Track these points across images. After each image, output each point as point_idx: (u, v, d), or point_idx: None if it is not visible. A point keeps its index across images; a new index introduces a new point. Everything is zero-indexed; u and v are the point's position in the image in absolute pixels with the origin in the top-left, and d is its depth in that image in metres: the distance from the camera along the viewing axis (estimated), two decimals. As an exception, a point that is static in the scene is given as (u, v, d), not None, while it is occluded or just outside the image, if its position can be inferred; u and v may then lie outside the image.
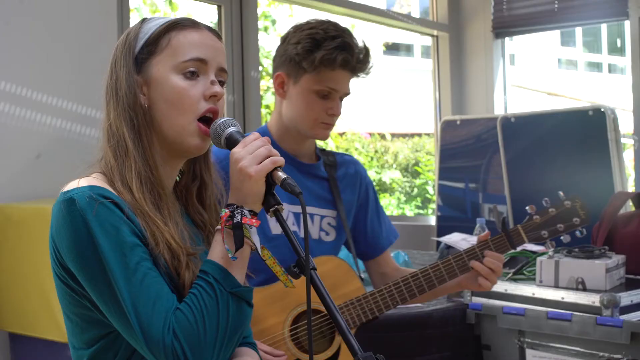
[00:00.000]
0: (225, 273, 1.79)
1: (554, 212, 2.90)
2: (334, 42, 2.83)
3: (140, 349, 1.76)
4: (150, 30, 1.95)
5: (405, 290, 2.87)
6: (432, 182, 11.28)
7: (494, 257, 2.83)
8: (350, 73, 2.89)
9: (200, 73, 1.93)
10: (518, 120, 5.31)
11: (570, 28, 8.70)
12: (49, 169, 3.96)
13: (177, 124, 1.90)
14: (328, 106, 2.88)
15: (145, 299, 1.73)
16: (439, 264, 2.87)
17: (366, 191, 3.15)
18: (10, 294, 3.72)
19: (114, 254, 1.74)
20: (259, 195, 1.81)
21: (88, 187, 1.80)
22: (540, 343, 3.46)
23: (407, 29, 7.29)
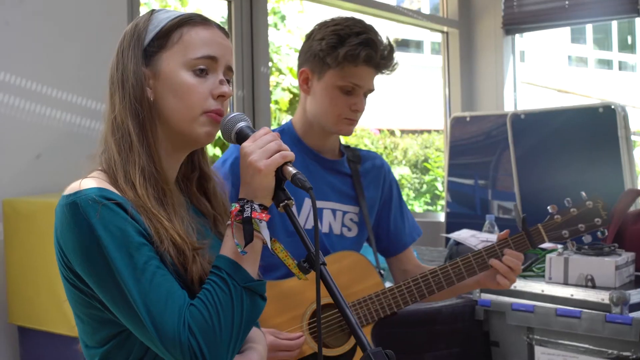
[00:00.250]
0: (238, 267, 1.79)
1: (575, 212, 2.89)
2: (358, 39, 2.83)
3: (156, 347, 1.75)
4: (161, 23, 1.93)
5: (424, 286, 2.87)
6: (441, 178, 11.28)
7: (513, 256, 2.83)
8: (374, 69, 2.89)
9: (210, 71, 1.92)
10: (528, 117, 5.29)
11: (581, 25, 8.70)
12: (58, 163, 3.96)
13: (185, 117, 1.90)
14: (351, 102, 2.88)
15: (156, 297, 1.72)
16: (458, 261, 2.87)
17: (390, 188, 3.16)
18: (19, 288, 3.73)
19: (120, 255, 1.73)
20: (268, 189, 1.81)
21: (90, 189, 1.78)
22: (549, 340, 3.46)
23: (417, 25, 7.28)
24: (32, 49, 3.98)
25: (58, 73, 4.05)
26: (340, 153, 3.10)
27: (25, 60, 3.94)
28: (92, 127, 4.11)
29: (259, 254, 1.85)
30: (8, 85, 3.84)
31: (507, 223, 5.42)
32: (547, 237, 2.88)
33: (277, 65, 10.22)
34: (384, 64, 2.90)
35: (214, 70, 1.93)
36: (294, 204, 1.84)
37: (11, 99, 3.85)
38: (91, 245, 1.74)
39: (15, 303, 3.77)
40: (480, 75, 7.10)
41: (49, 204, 3.57)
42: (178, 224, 1.84)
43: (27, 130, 3.92)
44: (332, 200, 3.00)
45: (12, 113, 3.86)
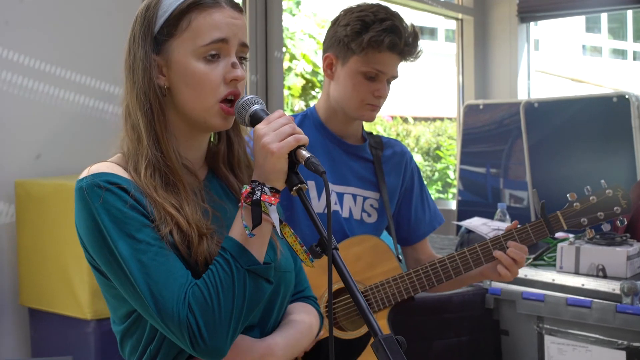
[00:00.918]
0: (243, 250, 1.80)
1: (594, 200, 2.87)
2: (382, 25, 2.84)
3: (158, 325, 1.78)
4: (170, 7, 1.90)
5: (434, 274, 2.88)
6: (453, 166, 11.26)
7: (518, 248, 2.83)
8: (398, 56, 2.89)
9: (222, 54, 1.91)
10: (541, 106, 5.28)
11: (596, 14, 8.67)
12: (70, 146, 3.98)
13: (199, 106, 1.90)
14: (374, 88, 2.89)
15: (156, 276, 1.75)
16: (466, 251, 2.88)
17: (411, 176, 3.16)
18: (30, 270, 3.74)
19: (122, 237, 1.77)
20: (281, 172, 1.80)
21: (97, 174, 1.82)
22: (559, 329, 3.45)
23: (432, 12, 7.25)
24: (46, 30, 3.98)
25: (71, 55, 4.05)
26: (362, 139, 3.11)
27: (39, 41, 3.94)
28: (105, 110, 4.12)
29: (267, 237, 1.85)
30: (21, 67, 3.84)
31: (518, 212, 5.41)
32: (565, 225, 2.87)
33: (290, 51, 10.21)
34: (408, 51, 2.90)
35: (226, 53, 1.91)
36: (307, 187, 1.83)
37: (24, 81, 3.85)
38: (95, 228, 1.79)
39: (26, 285, 3.78)
40: (494, 63, 7.08)
41: (61, 185, 3.58)
42: (189, 210, 1.85)
43: (40, 113, 3.92)
44: (353, 186, 3.01)
45: (25, 94, 3.86)
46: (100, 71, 4.12)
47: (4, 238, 3.81)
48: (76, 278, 3.49)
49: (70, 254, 3.50)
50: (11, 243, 3.82)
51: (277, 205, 1.82)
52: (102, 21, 4.16)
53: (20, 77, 3.84)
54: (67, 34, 4.06)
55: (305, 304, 2.14)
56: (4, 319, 3.81)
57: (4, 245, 3.81)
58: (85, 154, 3.90)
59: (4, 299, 3.82)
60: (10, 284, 3.84)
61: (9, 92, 3.81)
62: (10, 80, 3.81)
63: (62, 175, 3.83)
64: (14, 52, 3.82)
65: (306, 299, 2.16)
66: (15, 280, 3.84)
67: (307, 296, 2.17)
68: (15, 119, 3.85)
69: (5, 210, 3.80)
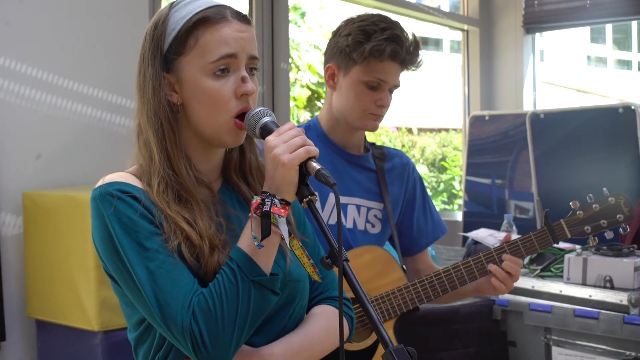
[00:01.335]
0: (249, 261, 1.80)
1: (597, 208, 2.88)
2: (383, 34, 2.84)
3: (164, 332, 1.80)
4: (178, 25, 1.91)
5: (430, 289, 2.89)
6: (458, 177, 11.25)
7: (512, 261, 2.82)
8: (400, 65, 2.89)
9: (231, 68, 1.91)
10: (547, 117, 5.28)
11: (601, 24, 8.68)
12: (79, 157, 3.98)
13: (213, 124, 1.91)
14: (377, 97, 2.88)
15: (162, 283, 1.77)
16: (460, 264, 2.88)
17: (414, 186, 3.15)
18: (38, 281, 3.75)
19: (130, 244, 1.80)
20: (291, 184, 1.80)
21: (110, 183, 1.86)
22: (567, 341, 3.45)
23: (437, 23, 7.28)
24: (55, 42, 4.00)
25: (80, 67, 4.07)
26: (365, 149, 3.11)
27: (49, 54, 3.96)
28: (113, 121, 4.13)
29: (275, 249, 1.85)
30: (28, 78, 3.86)
31: (524, 223, 5.41)
32: (569, 233, 2.87)
33: (295, 62, 10.21)
34: (410, 60, 2.90)
35: (235, 68, 1.92)
36: (317, 199, 1.83)
37: (31, 92, 3.86)
38: (107, 236, 1.83)
39: (34, 296, 3.78)
40: (500, 74, 7.09)
41: (68, 197, 3.58)
42: (202, 225, 1.86)
43: (47, 124, 3.94)
44: (357, 196, 3.01)
45: (31, 106, 3.87)
46: (108, 82, 4.13)
47: (12, 249, 3.81)
48: (83, 289, 3.49)
49: (77, 265, 3.50)
50: (19, 254, 3.82)
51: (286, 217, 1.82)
52: (110, 33, 4.18)
53: (27, 89, 3.85)
54: (75, 46, 4.07)
55: (326, 307, 2.10)
56: (11, 330, 3.81)
57: (12, 256, 3.81)
58: (93, 165, 3.94)
59: (11, 311, 3.82)
60: (18, 296, 3.84)
61: (16, 103, 3.82)
62: (18, 91, 3.82)
63: (70, 186, 3.83)
64: (21, 64, 3.83)
65: (330, 299, 2.13)
66: (22, 291, 3.84)
67: (331, 297, 2.14)
68: (22, 130, 3.86)
69: (12, 222, 3.81)
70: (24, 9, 3.86)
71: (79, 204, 3.52)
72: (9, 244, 3.81)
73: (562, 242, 3.99)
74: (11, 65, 3.80)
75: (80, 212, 3.48)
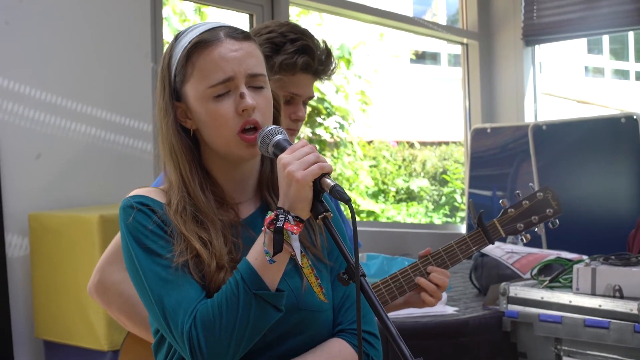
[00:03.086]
0: (254, 274, 1.80)
1: (527, 205, 2.87)
2: (293, 46, 2.67)
3: (168, 336, 1.85)
4: (178, 54, 1.96)
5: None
6: (460, 190, 11.26)
7: (439, 272, 2.70)
8: (313, 76, 2.74)
9: (231, 89, 1.94)
10: (550, 128, 5.29)
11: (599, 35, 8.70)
12: (83, 177, 3.99)
13: (221, 142, 1.94)
14: (291, 111, 2.72)
15: (170, 289, 1.82)
16: (389, 280, 2.73)
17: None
18: (45, 302, 3.75)
19: (143, 251, 1.87)
20: (306, 200, 1.80)
21: (133, 196, 1.95)
22: (578, 351, 3.44)
23: (437, 37, 7.30)
24: (57, 63, 4.01)
25: (83, 87, 4.08)
26: None
27: (51, 75, 3.97)
28: (117, 141, 4.13)
29: (283, 265, 1.85)
30: (33, 100, 3.87)
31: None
32: (503, 232, 2.86)
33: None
34: (323, 70, 2.75)
35: (234, 87, 1.94)
36: (332, 216, 1.83)
37: (35, 114, 3.87)
38: (125, 244, 1.91)
39: (42, 317, 3.78)
40: (501, 86, 7.10)
41: (74, 217, 3.58)
42: (217, 244, 1.89)
43: (53, 145, 3.94)
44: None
45: (37, 127, 3.88)
46: (112, 103, 4.14)
47: (19, 271, 3.81)
48: (92, 309, 3.49)
49: (85, 284, 3.46)
50: (26, 275, 3.82)
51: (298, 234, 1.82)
52: (114, 54, 4.18)
53: (31, 110, 3.85)
54: (78, 68, 4.08)
55: (336, 340, 2.02)
56: (19, 352, 3.81)
57: (19, 277, 3.81)
58: (97, 185, 3.95)
59: (19, 332, 3.81)
60: (26, 317, 3.84)
61: (20, 125, 3.83)
62: (22, 113, 3.82)
63: (75, 207, 3.83)
64: (25, 86, 3.84)
65: (345, 333, 2.04)
66: (30, 312, 3.83)
67: (347, 330, 2.04)
68: (27, 151, 3.87)
69: (19, 243, 3.81)
70: (29, 34, 3.87)
71: (84, 224, 3.52)
72: (16, 265, 3.80)
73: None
74: (14, 88, 3.80)
75: (86, 232, 3.49)
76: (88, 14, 4.14)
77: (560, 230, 2.93)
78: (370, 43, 10.54)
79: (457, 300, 4.08)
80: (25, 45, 3.90)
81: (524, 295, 3.59)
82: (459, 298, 4.13)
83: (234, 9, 5.46)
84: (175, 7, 8.57)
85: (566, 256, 3.98)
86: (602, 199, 5.07)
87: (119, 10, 4.27)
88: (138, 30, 4.32)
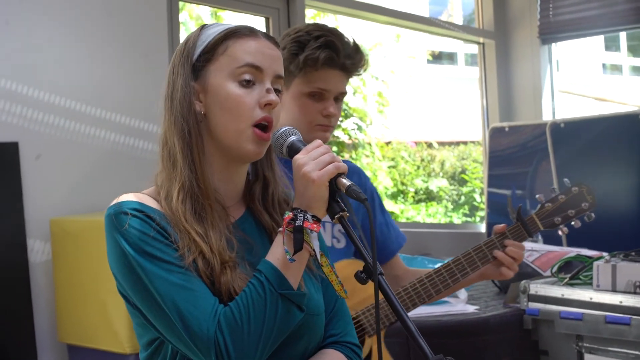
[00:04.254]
0: (278, 274, 1.81)
1: (563, 199, 2.95)
2: (317, 42, 2.79)
3: (184, 345, 1.78)
4: (209, 37, 1.97)
5: (431, 286, 2.87)
6: (479, 189, 11.23)
7: (516, 246, 2.86)
8: (340, 71, 2.84)
9: (256, 81, 1.95)
10: (568, 126, 5.28)
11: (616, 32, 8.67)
12: (104, 182, 4.01)
13: (233, 130, 1.92)
14: (322, 107, 2.83)
15: (185, 294, 1.77)
16: (460, 257, 2.88)
17: (371, 195, 3.12)
18: (68, 306, 3.77)
19: (147, 259, 1.79)
20: (322, 200, 1.83)
21: (125, 202, 1.87)
22: (599, 347, 3.43)
23: (453, 37, 7.29)
24: (77, 69, 4.03)
25: (103, 93, 4.10)
26: None
27: (71, 81, 3.99)
28: (137, 146, 4.15)
29: (304, 265, 1.87)
30: (53, 106, 3.89)
31: (547, 233, 5.40)
32: (541, 225, 2.95)
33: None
34: (352, 65, 2.85)
35: (260, 80, 1.95)
36: (348, 215, 1.84)
37: (57, 120, 3.90)
38: (122, 253, 1.82)
39: (64, 321, 3.80)
40: (518, 85, 7.09)
41: (96, 222, 3.60)
42: (214, 238, 1.86)
43: (73, 150, 3.96)
44: None
45: (57, 133, 3.90)
46: (131, 108, 4.16)
47: (41, 275, 3.84)
48: (114, 312, 3.51)
49: (107, 288, 3.52)
50: (48, 280, 3.85)
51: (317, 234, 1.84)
52: (133, 60, 4.21)
53: (52, 116, 3.88)
54: (97, 74, 4.11)
55: (334, 352, 2.05)
56: (43, 356, 3.83)
57: (42, 282, 3.84)
58: (118, 190, 3.94)
59: (42, 336, 3.84)
60: (49, 321, 3.86)
61: (40, 131, 3.85)
62: (42, 119, 3.85)
63: (96, 211, 3.85)
64: (45, 92, 3.87)
65: (339, 344, 2.08)
66: (53, 317, 3.86)
67: (341, 342, 2.09)
68: (47, 157, 3.89)
69: (41, 249, 3.84)
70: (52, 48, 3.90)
71: (106, 229, 3.53)
72: (39, 270, 3.83)
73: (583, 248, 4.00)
74: (34, 95, 3.83)
75: (108, 237, 3.51)
76: (106, 20, 4.16)
77: (579, 228, 2.96)
78: (386, 44, 10.54)
79: (478, 298, 4.08)
80: (45, 52, 3.93)
81: (545, 292, 3.59)
82: (480, 297, 4.14)
83: (250, 12, 5.48)
84: (191, 11, 8.59)
85: (586, 253, 3.98)
86: (621, 195, 5.06)
87: (136, 15, 4.29)
88: (155, 35, 4.34)
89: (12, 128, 3.77)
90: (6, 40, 3.80)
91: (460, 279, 2.88)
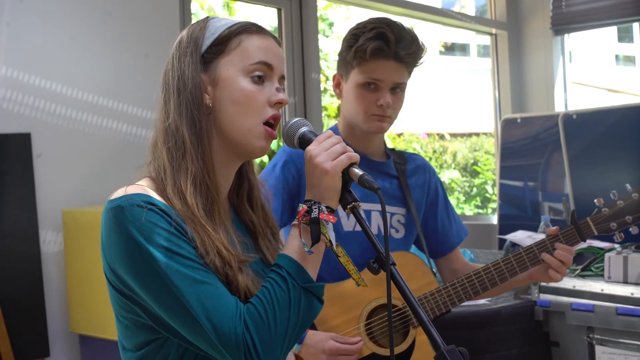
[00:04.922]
0: (299, 267, 1.80)
1: (622, 204, 2.89)
2: (369, 34, 2.86)
3: (210, 345, 1.73)
4: (219, 30, 1.94)
5: (478, 283, 2.88)
6: (491, 181, 11.21)
7: (565, 250, 2.85)
8: (394, 61, 2.88)
9: (266, 79, 1.93)
10: (580, 117, 5.26)
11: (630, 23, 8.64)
12: (116, 174, 3.98)
13: (244, 125, 1.90)
14: (376, 97, 2.88)
15: (210, 292, 1.72)
16: (510, 257, 2.88)
17: (435, 189, 3.16)
18: (79, 297, 3.78)
19: (167, 257, 1.71)
20: (335, 190, 1.82)
21: (135, 194, 1.77)
22: (610, 339, 3.43)
23: (465, 28, 7.27)
24: (89, 60, 4.04)
25: (115, 85, 4.11)
26: (386, 155, 3.11)
27: (83, 72, 4.00)
28: (148, 137, 4.15)
29: (321, 256, 1.86)
30: (66, 98, 3.90)
31: (558, 224, 5.36)
32: (596, 230, 2.90)
33: (324, 72, 10.23)
34: (408, 55, 2.89)
35: (269, 78, 1.94)
36: (360, 205, 1.85)
37: (69, 111, 3.91)
38: (136, 249, 1.73)
39: (76, 312, 3.81)
40: (530, 76, 7.07)
41: (108, 213, 3.61)
42: (223, 235, 1.83)
43: (85, 142, 3.97)
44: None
45: (70, 125, 3.91)
46: (143, 99, 4.17)
47: (53, 266, 3.85)
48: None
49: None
50: (60, 271, 3.86)
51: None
52: (145, 51, 4.21)
53: (64, 108, 3.89)
54: (109, 66, 4.12)
55: None
56: (55, 346, 3.85)
57: (54, 273, 3.85)
58: (130, 182, 3.97)
59: (54, 327, 3.85)
60: (60, 311, 3.88)
61: (52, 122, 3.86)
62: (55, 111, 3.86)
63: (108, 202, 3.86)
64: (57, 84, 3.88)
65: None
66: (65, 307, 3.87)
67: None
68: (60, 149, 3.90)
69: (53, 239, 3.85)
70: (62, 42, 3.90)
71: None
72: (51, 261, 3.85)
73: (600, 241, 3.99)
74: (46, 86, 3.84)
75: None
76: (118, 11, 4.17)
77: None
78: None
79: (489, 290, 4.08)
80: (57, 42, 3.93)
81: (556, 284, 3.59)
82: (491, 288, 4.13)
83: (262, 3, 5.48)
84: (203, 3, 8.59)
85: (598, 245, 3.97)
86: (634, 187, 5.05)
87: (147, 6, 4.30)
88: (167, 26, 4.35)
89: (24, 119, 3.78)
90: (20, 32, 3.81)
91: (508, 278, 2.89)
